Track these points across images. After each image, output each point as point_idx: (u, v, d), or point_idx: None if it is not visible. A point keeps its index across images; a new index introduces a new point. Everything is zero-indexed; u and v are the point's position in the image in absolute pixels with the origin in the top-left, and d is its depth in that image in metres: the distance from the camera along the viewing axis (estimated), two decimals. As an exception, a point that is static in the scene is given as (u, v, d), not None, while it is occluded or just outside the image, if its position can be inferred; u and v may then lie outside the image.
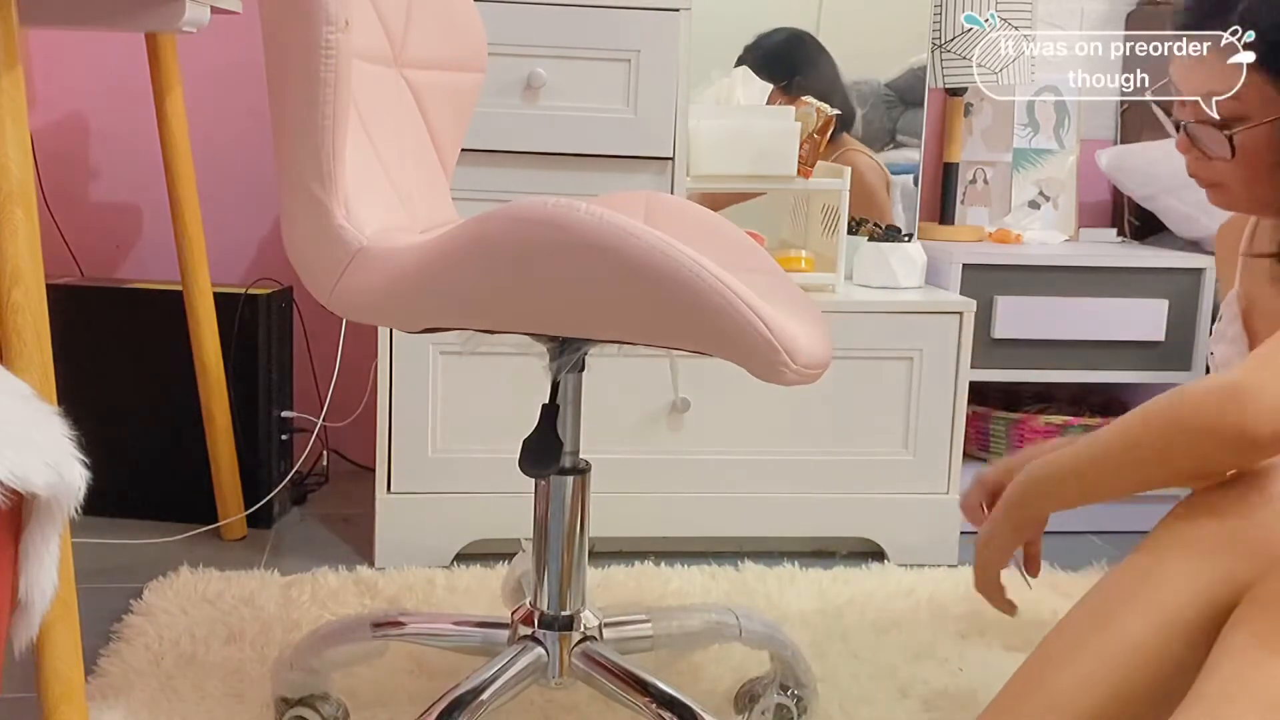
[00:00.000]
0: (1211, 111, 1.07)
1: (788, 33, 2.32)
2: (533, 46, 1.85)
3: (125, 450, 2.03)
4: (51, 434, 0.89)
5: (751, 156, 2.00)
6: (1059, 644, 0.99)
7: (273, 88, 1.11)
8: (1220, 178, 1.12)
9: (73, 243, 2.26)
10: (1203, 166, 1.13)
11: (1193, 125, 1.10)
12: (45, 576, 0.89)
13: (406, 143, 1.33)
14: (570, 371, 1.23)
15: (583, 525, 1.28)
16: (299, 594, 1.74)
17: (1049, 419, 2.27)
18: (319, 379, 2.27)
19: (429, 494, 1.93)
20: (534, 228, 1.01)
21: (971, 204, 2.53)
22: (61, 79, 2.29)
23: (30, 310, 1.24)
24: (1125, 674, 0.95)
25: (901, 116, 2.40)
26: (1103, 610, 0.98)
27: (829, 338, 1.17)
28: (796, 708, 1.42)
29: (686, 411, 1.95)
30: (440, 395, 1.91)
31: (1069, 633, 0.99)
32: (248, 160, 2.32)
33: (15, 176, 1.23)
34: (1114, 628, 0.96)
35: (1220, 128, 1.07)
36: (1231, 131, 1.06)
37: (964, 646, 1.65)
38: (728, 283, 0.99)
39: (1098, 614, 0.98)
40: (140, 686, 1.45)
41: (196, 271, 1.97)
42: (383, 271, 1.09)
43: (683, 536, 1.99)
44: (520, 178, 1.89)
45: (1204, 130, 1.09)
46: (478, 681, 1.20)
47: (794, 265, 2.05)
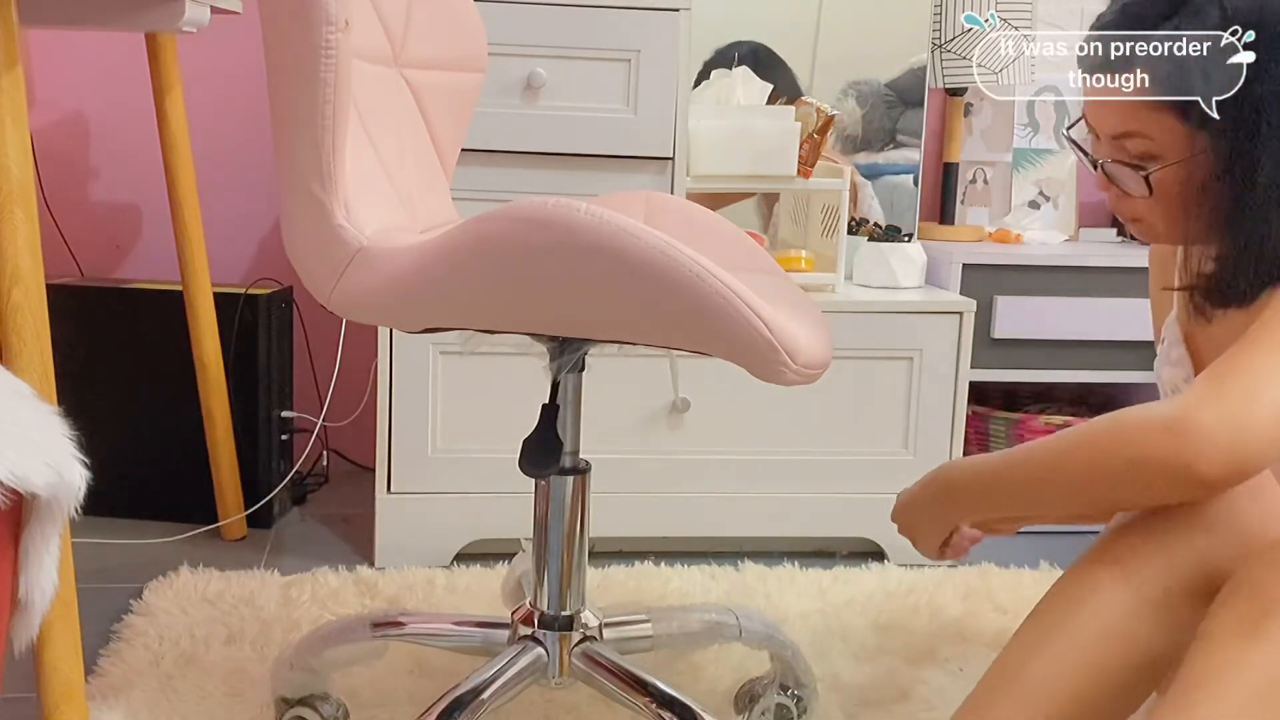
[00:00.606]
0: (1125, 152, 1.08)
1: (750, 46, 2.31)
2: (533, 46, 1.85)
3: (125, 450, 2.03)
4: (51, 434, 0.89)
5: (751, 156, 2.00)
6: (1033, 632, 1.01)
7: (273, 88, 1.11)
8: (1140, 214, 1.12)
9: (73, 243, 2.26)
10: (1122, 203, 1.13)
11: (1108, 164, 1.10)
12: (45, 576, 0.89)
13: (406, 143, 1.33)
14: (570, 371, 1.23)
15: (583, 525, 1.28)
16: (299, 594, 1.74)
17: (1049, 419, 2.27)
18: (319, 379, 2.27)
19: (429, 494, 1.93)
20: (534, 228, 1.01)
21: (971, 204, 2.53)
22: (61, 79, 2.29)
23: (30, 310, 1.24)
24: (1097, 657, 0.97)
25: (901, 116, 2.40)
26: (1075, 597, 1.00)
27: (829, 338, 1.17)
28: (796, 708, 1.42)
29: (686, 411, 1.95)
30: (440, 395, 1.91)
31: (1043, 620, 1.01)
32: (248, 160, 2.32)
33: (15, 176, 1.23)
34: (1084, 613, 0.98)
35: (1135, 168, 1.08)
36: (1147, 172, 1.06)
37: (964, 646, 1.65)
38: (728, 283, 0.99)
39: (1070, 600, 1.00)
40: (140, 686, 1.45)
41: (196, 271, 1.97)
42: (383, 271, 1.09)
43: (683, 536, 1.99)
44: (520, 178, 1.89)
45: (1120, 169, 1.09)
46: (478, 681, 1.20)
47: (794, 265, 2.05)
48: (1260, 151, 1.01)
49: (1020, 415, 2.31)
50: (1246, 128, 1.01)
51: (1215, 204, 1.04)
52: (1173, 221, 1.09)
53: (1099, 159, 1.12)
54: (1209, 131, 1.02)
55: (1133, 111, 1.05)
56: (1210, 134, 1.02)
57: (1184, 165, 1.05)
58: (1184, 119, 1.03)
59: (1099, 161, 1.12)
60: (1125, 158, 1.09)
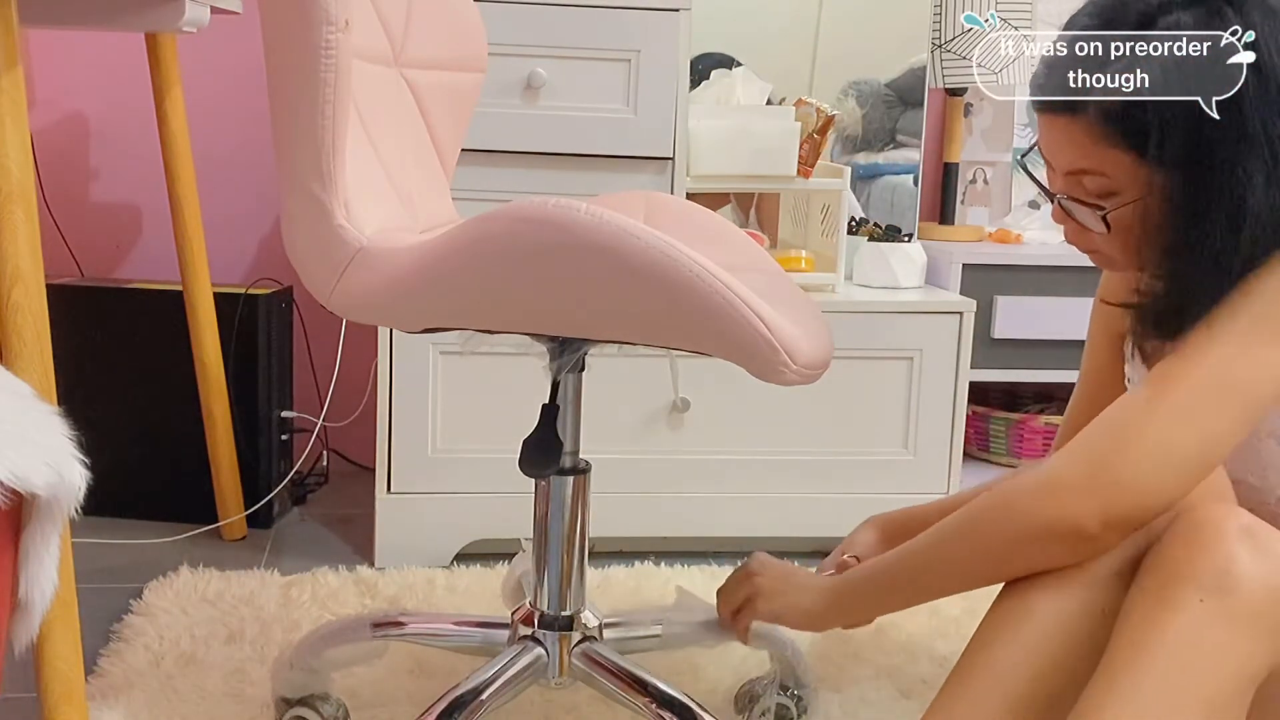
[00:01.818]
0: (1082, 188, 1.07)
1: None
2: (533, 46, 1.85)
3: (125, 450, 2.03)
4: (51, 434, 0.89)
5: (751, 156, 2.00)
6: (996, 620, 1.05)
7: (273, 88, 1.11)
8: (1097, 246, 1.12)
9: (73, 243, 2.26)
10: (1079, 237, 1.12)
11: (1066, 202, 1.09)
12: (45, 576, 0.89)
13: (406, 143, 1.33)
14: (570, 371, 1.23)
15: (583, 525, 1.28)
16: (299, 594, 1.74)
17: (1049, 419, 2.28)
18: (319, 379, 2.27)
19: (429, 494, 1.93)
20: (534, 228, 1.01)
21: (971, 204, 2.53)
22: (61, 79, 2.29)
23: (30, 310, 1.24)
24: (1062, 640, 1.01)
25: (901, 116, 2.40)
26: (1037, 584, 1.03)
27: (829, 338, 1.17)
28: (796, 708, 1.42)
29: (686, 411, 1.95)
30: (440, 395, 1.91)
31: (1005, 608, 1.05)
32: (248, 160, 2.32)
33: (15, 176, 1.23)
34: (1043, 599, 1.02)
35: (1093, 206, 1.07)
36: (1105, 211, 1.06)
37: (963, 646, 1.65)
38: (728, 283, 0.99)
39: (1028, 587, 1.04)
40: (140, 686, 1.45)
41: (196, 271, 1.97)
42: (383, 272, 1.09)
43: (683, 536, 1.99)
44: (520, 178, 1.89)
45: (1076, 206, 1.08)
46: (478, 682, 1.20)
47: (794, 265, 2.05)
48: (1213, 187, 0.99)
49: (1020, 415, 2.31)
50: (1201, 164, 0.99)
51: (1168, 239, 1.03)
52: (1129, 252, 1.09)
53: (1055, 193, 1.11)
54: (1165, 168, 1.01)
55: (1088, 148, 1.04)
56: (1166, 170, 1.01)
57: (1141, 202, 1.04)
58: (1140, 156, 1.02)
59: (1056, 197, 1.11)
60: (1082, 194, 1.07)
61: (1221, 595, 0.92)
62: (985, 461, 2.33)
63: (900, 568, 1.13)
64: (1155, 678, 0.92)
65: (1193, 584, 0.93)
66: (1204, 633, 0.92)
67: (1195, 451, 0.99)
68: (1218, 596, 0.92)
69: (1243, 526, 0.94)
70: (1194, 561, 0.94)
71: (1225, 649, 0.92)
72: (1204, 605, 0.92)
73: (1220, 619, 0.92)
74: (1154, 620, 0.94)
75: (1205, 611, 0.92)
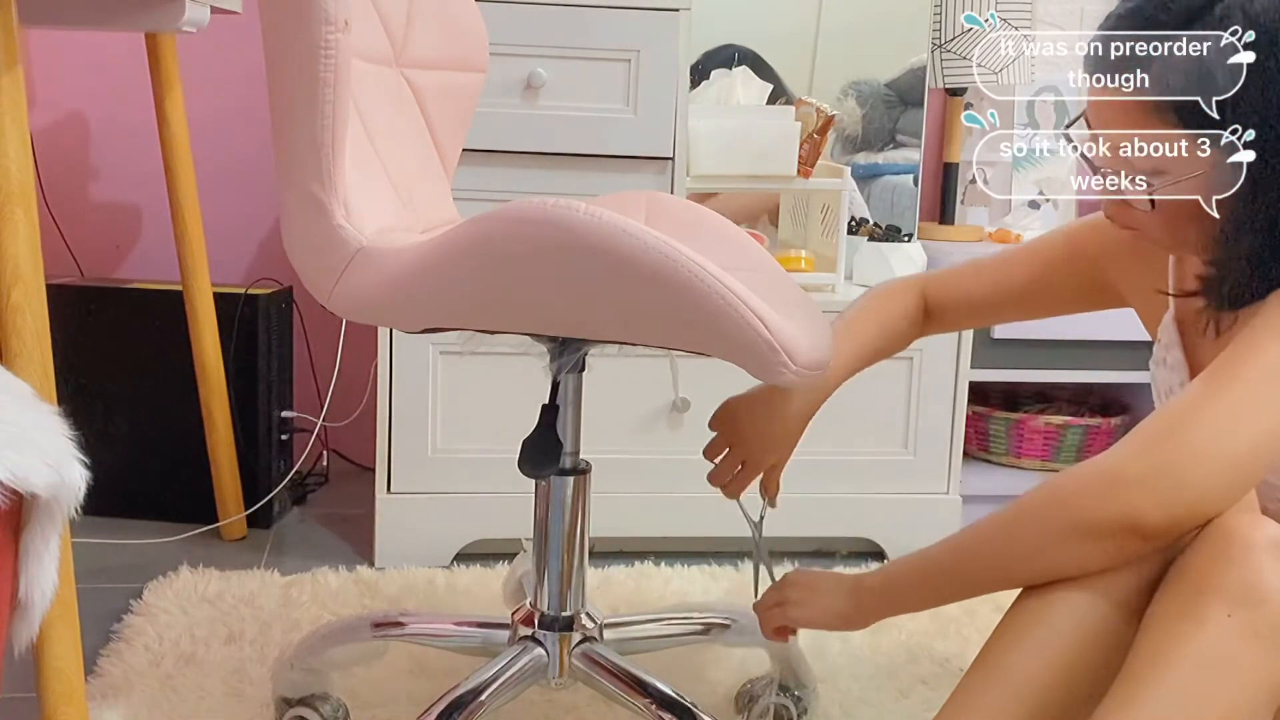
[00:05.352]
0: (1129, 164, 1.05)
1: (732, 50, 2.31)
2: (533, 46, 1.85)
3: (125, 450, 2.03)
4: (51, 434, 0.89)
5: (751, 156, 2.00)
6: (1013, 625, 1.03)
7: (272, 88, 1.11)
8: (1139, 224, 1.10)
9: (73, 243, 2.26)
10: (1120, 212, 1.10)
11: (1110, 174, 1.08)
12: (45, 576, 0.89)
13: (407, 143, 1.33)
14: (570, 371, 1.23)
15: (583, 525, 1.28)
16: (299, 594, 1.74)
17: (1049, 419, 2.27)
18: (319, 379, 2.27)
19: (429, 494, 1.93)
20: (533, 228, 1.01)
21: (971, 204, 2.53)
22: (61, 79, 2.29)
23: (30, 310, 1.24)
24: (1080, 650, 0.99)
25: (901, 116, 2.40)
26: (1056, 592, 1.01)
27: (829, 338, 1.17)
28: (796, 708, 1.42)
29: (686, 411, 1.95)
30: (440, 395, 1.91)
31: (1022, 614, 1.03)
32: (248, 160, 2.32)
33: (15, 176, 1.23)
34: (1062, 607, 1.00)
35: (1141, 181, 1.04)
36: (1154, 188, 1.04)
37: (963, 646, 1.65)
38: (727, 283, 0.98)
39: (1046, 596, 1.01)
40: (140, 686, 1.45)
41: (196, 271, 1.97)
42: (383, 271, 1.09)
43: (683, 536, 1.99)
44: (520, 178, 1.89)
45: (1122, 181, 1.06)
46: (478, 682, 1.20)
47: (794, 265, 2.05)
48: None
49: (1020, 415, 2.31)
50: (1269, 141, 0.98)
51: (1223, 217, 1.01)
52: (1175, 231, 1.07)
53: (1100, 167, 1.10)
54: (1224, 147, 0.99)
55: (1140, 122, 1.02)
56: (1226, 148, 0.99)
57: (1192, 182, 1.02)
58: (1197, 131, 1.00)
59: (1100, 171, 1.10)
60: (1128, 169, 1.05)
61: (1249, 609, 0.90)
62: (985, 461, 2.33)
63: (936, 564, 1.08)
64: (1176, 690, 0.90)
65: (1219, 597, 0.91)
66: (1229, 647, 0.90)
67: (1253, 446, 0.96)
68: (1245, 610, 0.90)
69: (1270, 538, 0.92)
70: (1221, 574, 0.92)
71: (1250, 664, 0.90)
72: (1231, 620, 0.90)
73: (1247, 633, 0.90)
74: (1178, 632, 0.92)
75: (1232, 625, 0.90)
